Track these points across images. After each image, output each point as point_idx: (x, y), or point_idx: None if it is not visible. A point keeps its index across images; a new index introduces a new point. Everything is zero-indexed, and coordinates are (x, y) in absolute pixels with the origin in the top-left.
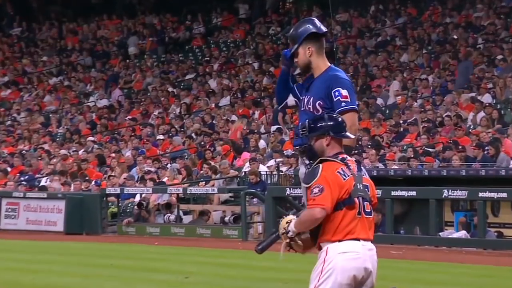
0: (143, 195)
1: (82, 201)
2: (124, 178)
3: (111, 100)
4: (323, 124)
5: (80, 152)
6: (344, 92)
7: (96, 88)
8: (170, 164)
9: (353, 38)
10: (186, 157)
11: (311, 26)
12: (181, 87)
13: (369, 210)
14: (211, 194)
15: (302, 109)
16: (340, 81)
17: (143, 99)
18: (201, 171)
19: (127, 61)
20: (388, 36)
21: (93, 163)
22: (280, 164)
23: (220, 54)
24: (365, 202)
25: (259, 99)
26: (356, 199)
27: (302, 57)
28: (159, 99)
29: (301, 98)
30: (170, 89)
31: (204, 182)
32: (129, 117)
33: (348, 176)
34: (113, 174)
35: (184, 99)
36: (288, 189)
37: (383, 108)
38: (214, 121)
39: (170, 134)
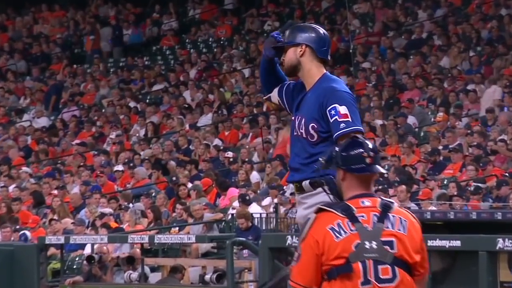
0: (95, 246)
1: (12, 254)
2: (71, 223)
3: (53, 119)
4: (333, 152)
5: (11, 189)
6: (343, 109)
7: (33, 102)
8: (132, 204)
9: (376, 36)
10: (153, 194)
11: (322, 33)
12: (147, 101)
13: (389, 277)
14: (187, 244)
15: (294, 133)
16: (337, 95)
17: (95, 117)
18: (174, 214)
19: (74, 66)
20: (423, 33)
21: (27, 203)
22: (278, 204)
23: (199, 58)
24: (379, 266)
25: (251, 117)
26: (357, 265)
27: (290, 55)
28: (117, 117)
29: (292, 117)
30: (131, 104)
31: (177, 228)
32: (77, 141)
33: (346, 233)
34: (55, 217)
35: (151, 117)
36: (289, 237)
37: (416, 130)
38: (191, 146)
39: (132, 164)
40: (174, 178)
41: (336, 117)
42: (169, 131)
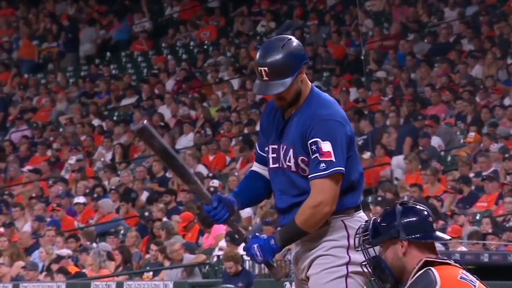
0: None
1: None
2: (22, 268)
3: None
4: (392, 221)
5: None
6: (326, 145)
7: None
8: (96, 244)
9: (392, 39)
10: (122, 232)
11: (296, 45)
12: (114, 118)
13: None
14: None
15: (275, 165)
16: (322, 126)
17: (51, 138)
18: (147, 256)
19: (25, 76)
20: (451, 36)
21: None
22: None
23: (178, 65)
24: None
25: (240, 138)
26: None
27: (295, 86)
28: (77, 138)
29: (266, 146)
30: (95, 122)
31: (151, 273)
32: (29, 167)
33: (476, 281)
34: (1, 261)
35: (119, 138)
36: (287, 284)
37: (442, 153)
38: (167, 174)
39: (95, 195)
40: (146, 213)
41: (317, 154)
42: (141, 155)
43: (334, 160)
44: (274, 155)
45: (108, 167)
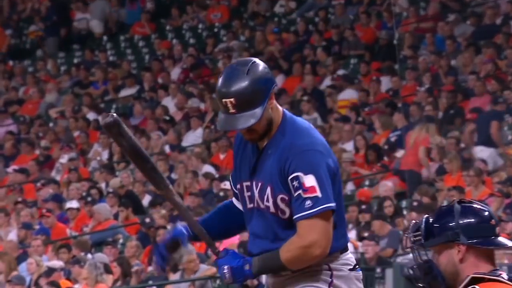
0: None
1: None
2: (7, 282)
3: None
4: (450, 222)
5: None
6: (309, 180)
7: None
8: (92, 255)
9: (430, 21)
10: (121, 241)
11: (263, 68)
12: (112, 112)
13: None
14: None
15: (250, 206)
16: (301, 157)
17: (40, 135)
18: (149, 268)
19: (10, 63)
20: (498, 16)
21: None
22: None
23: (185, 51)
24: None
25: None
26: None
27: (266, 116)
28: (70, 134)
29: (239, 183)
30: (90, 116)
31: None
32: (14, 167)
33: None
34: None
35: None
36: None
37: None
38: (173, 175)
39: (90, 199)
40: (148, 220)
41: (300, 191)
42: None
43: (320, 195)
44: (249, 193)
45: (105, 168)
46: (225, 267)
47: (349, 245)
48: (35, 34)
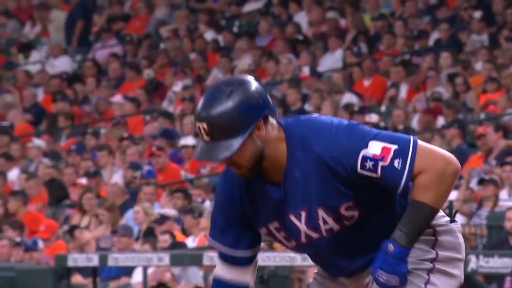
0: (149, 272)
1: (14, 282)
2: (113, 232)
3: (79, 60)
4: None
5: (11, 175)
6: (373, 147)
7: (45, 32)
8: (211, 200)
9: None
10: None
11: (252, 92)
12: (235, 30)
13: None
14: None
15: (293, 243)
16: (343, 144)
17: (149, 57)
18: None
19: None
20: None
21: (38, 199)
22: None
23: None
24: None
25: (406, 57)
26: None
27: (250, 148)
28: (185, 57)
29: (262, 227)
30: (208, 35)
31: None
32: (118, 97)
33: None
34: (83, 224)
35: (242, 57)
36: None
37: None
38: (306, 106)
39: None
40: None
41: (380, 164)
42: (271, 80)
43: (396, 147)
44: (282, 233)
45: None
46: (378, 272)
47: None
48: None
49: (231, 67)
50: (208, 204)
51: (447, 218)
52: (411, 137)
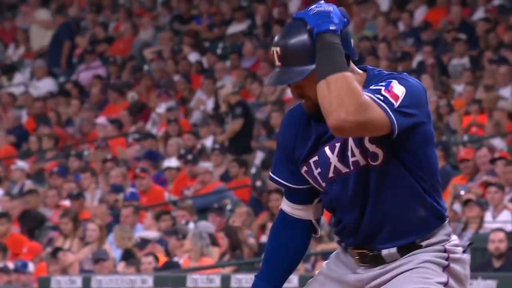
0: None
1: None
2: (93, 255)
3: (63, 81)
4: None
5: None
6: (398, 88)
7: (28, 53)
8: (195, 223)
9: None
10: (228, 207)
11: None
12: (218, 52)
13: None
14: None
15: (326, 180)
16: (396, 76)
17: (132, 79)
18: (263, 238)
19: None
20: None
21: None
22: None
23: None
24: None
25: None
26: None
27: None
28: (168, 78)
29: (303, 165)
30: (192, 57)
31: None
32: (101, 118)
33: None
34: (67, 246)
35: (225, 79)
36: None
37: None
38: None
39: (191, 157)
40: (258, 183)
41: (383, 87)
42: (255, 101)
43: (397, 105)
44: (319, 169)
45: (211, 118)
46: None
47: (508, 213)
48: None
49: (215, 89)
50: (192, 226)
51: (461, 248)
52: (395, 122)
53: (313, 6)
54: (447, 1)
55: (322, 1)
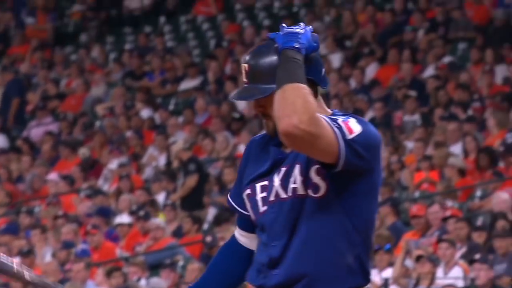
0: None
1: None
2: None
3: (13, 137)
4: None
5: None
6: (354, 124)
7: None
8: (146, 280)
9: None
10: (181, 263)
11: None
12: (170, 107)
13: None
14: None
15: (264, 208)
16: (351, 115)
17: (84, 136)
18: None
19: (50, 49)
20: None
21: None
22: None
23: (257, 35)
24: None
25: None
26: None
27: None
28: (120, 134)
29: (249, 187)
30: (144, 113)
31: None
32: (53, 175)
33: None
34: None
35: (177, 135)
36: None
37: None
38: None
39: (144, 214)
40: (209, 238)
41: (340, 118)
42: (207, 157)
43: (349, 137)
44: (264, 194)
45: (164, 175)
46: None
47: (459, 269)
48: (79, 15)
49: (167, 145)
50: (143, 282)
51: None
52: (343, 151)
53: (288, 27)
54: (397, 59)
55: (301, 24)
